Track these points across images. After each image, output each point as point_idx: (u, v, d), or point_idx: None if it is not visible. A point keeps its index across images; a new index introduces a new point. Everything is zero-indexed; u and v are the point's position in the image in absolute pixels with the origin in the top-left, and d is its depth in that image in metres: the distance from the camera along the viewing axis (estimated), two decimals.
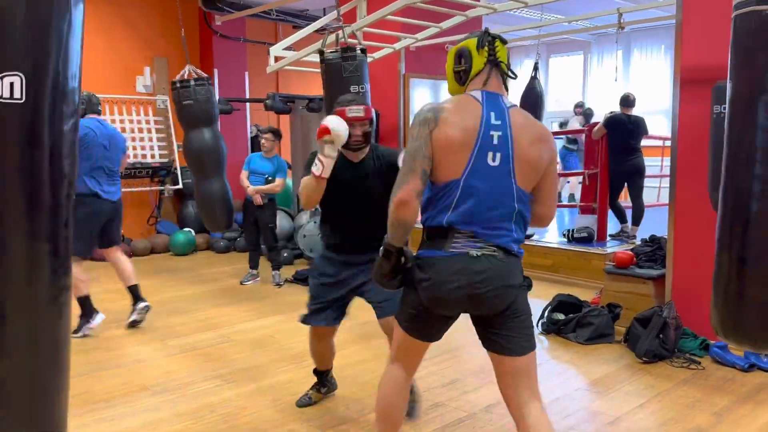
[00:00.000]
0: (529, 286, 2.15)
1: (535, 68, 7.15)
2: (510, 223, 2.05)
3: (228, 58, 8.53)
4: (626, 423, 3.06)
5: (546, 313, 4.56)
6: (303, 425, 3.04)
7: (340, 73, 3.94)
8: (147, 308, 4.62)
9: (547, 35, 8.80)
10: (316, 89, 7.54)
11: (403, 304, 2.21)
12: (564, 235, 6.51)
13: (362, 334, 4.35)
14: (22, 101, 1.46)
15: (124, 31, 7.94)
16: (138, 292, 4.60)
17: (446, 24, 5.25)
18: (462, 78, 2.10)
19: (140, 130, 7.88)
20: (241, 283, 5.94)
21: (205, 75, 5.50)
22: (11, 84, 1.44)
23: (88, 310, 4.39)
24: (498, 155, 2.01)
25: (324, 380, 3.30)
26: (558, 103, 12.14)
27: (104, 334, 4.45)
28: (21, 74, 1.46)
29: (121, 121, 7.74)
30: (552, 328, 4.45)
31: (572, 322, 4.36)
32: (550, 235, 6.93)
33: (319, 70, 5.87)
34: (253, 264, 6.05)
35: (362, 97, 4.07)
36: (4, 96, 1.44)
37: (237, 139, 8.45)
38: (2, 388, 1.56)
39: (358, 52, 4.09)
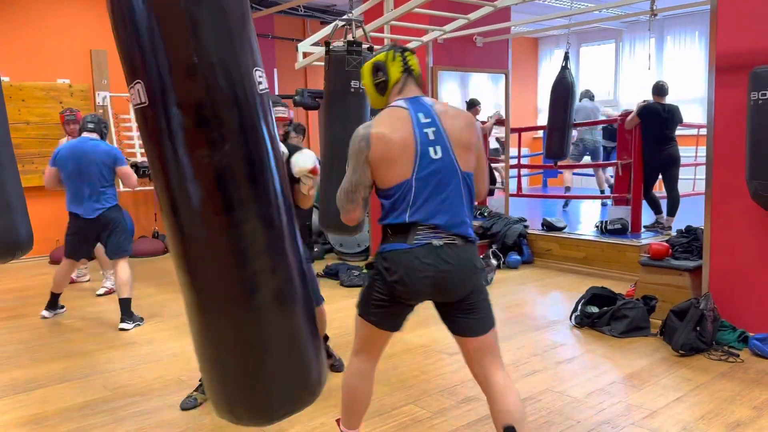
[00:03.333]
0: (483, 268, 2.30)
1: (566, 58, 7.03)
2: (463, 208, 2.21)
3: None
4: (663, 417, 3.01)
5: (580, 306, 4.50)
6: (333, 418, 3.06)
7: (343, 66, 3.91)
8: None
9: (577, 24, 8.66)
10: None
11: (368, 297, 2.30)
12: (597, 226, 6.42)
13: None
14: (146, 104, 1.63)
15: None
16: (126, 306, 4.62)
17: (474, 15, 5.20)
18: (382, 89, 2.31)
19: None
20: None
21: None
22: (138, 91, 1.62)
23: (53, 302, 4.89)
24: (438, 148, 2.18)
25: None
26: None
27: (143, 330, 4.54)
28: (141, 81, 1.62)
29: None
30: (586, 321, 4.39)
31: (606, 315, 4.30)
32: (583, 227, 6.84)
33: None
34: None
35: (363, 93, 4.03)
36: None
37: None
38: None
39: (365, 48, 4.06)
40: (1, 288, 5.94)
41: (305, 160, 2.88)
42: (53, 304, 4.88)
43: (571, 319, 4.51)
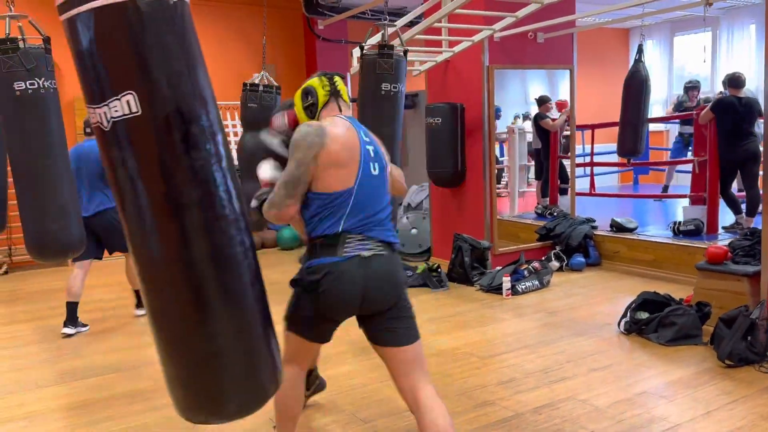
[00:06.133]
0: (406, 281, 2.41)
1: (639, 51, 6.71)
2: (389, 222, 2.35)
3: (331, 61, 8.82)
4: (684, 431, 2.84)
5: (629, 312, 4.30)
6: (347, 417, 3.13)
7: (374, 69, 3.94)
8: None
9: (666, 10, 8.17)
10: (416, 86, 7.61)
11: (295, 312, 2.32)
12: (670, 227, 6.07)
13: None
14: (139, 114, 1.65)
15: (237, 41, 8.48)
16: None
17: (522, 12, 5.08)
18: (312, 112, 2.38)
19: None
20: None
21: (276, 84, 5.58)
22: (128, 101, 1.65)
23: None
24: (377, 165, 2.32)
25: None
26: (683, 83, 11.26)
27: None
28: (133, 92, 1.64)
29: (234, 126, 8.28)
30: (633, 328, 4.19)
31: (654, 321, 4.09)
32: (653, 228, 6.49)
33: (410, 68, 5.98)
34: None
35: (394, 96, 4.02)
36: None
37: None
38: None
39: (397, 51, 4.08)
40: (89, 282, 6.47)
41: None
42: (73, 317, 4.72)
43: (619, 325, 4.32)
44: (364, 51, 4.09)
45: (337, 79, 2.43)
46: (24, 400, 3.54)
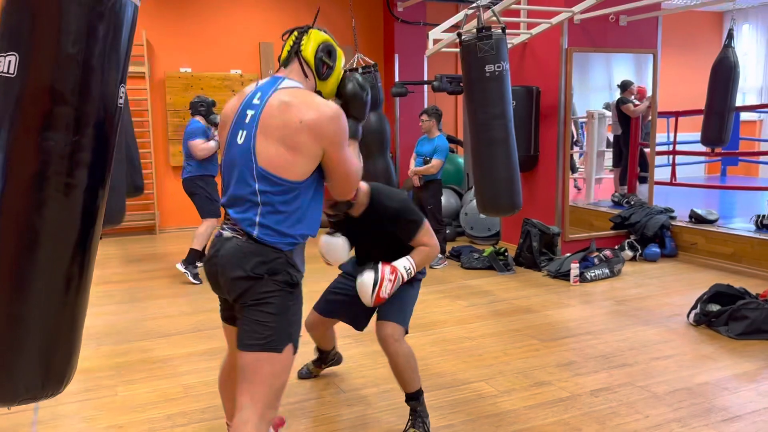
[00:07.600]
0: (291, 284, 1.97)
1: (729, 36, 6.42)
2: (252, 205, 1.95)
3: (408, 43, 8.88)
4: (743, 423, 2.80)
5: (699, 304, 4.21)
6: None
7: (475, 53, 4.00)
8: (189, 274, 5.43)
9: None
10: None
11: None
12: (753, 220, 5.83)
13: (494, 311, 4.43)
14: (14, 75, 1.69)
15: (318, 23, 8.66)
16: (191, 255, 5.43)
17: None
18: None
19: None
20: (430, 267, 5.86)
21: (372, 62, 5.82)
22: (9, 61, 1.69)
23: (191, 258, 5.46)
24: (244, 133, 1.98)
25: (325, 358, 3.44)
26: None
27: None
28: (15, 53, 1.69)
29: None
30: (703, 320, 4.11)
31: (725, 314, 3.99)
32: (737, 222, 6.25)
33: None
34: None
35: (499, 75, 4.08)
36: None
37: (412, 122, 8.83)
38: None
39: (495, 30, 4.11)
40: (173, 250, 6.89)
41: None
42: (190, 260, 5.48)
43: (688, 316, 4.24)
44: (462, 37, 4.18)
45: (309, 35, 2.14)
46: (111, 351, 3.88)
